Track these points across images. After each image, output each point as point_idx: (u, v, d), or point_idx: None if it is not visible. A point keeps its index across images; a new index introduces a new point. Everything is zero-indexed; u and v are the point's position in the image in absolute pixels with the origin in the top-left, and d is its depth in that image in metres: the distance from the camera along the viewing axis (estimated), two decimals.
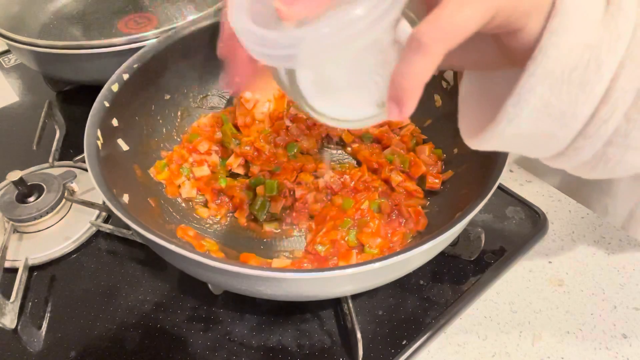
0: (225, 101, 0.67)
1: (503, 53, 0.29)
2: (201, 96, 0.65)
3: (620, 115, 0.25)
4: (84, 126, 0.47)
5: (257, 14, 0.27)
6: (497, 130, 0.27)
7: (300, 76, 0.29)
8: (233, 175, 0.60)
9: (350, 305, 0.46)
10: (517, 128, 0.26)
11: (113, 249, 0.56)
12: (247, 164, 0.60)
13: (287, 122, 0.62)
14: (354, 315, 0.46)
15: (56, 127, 0.70)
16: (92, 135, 0.47)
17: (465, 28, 0.24)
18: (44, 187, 0.58)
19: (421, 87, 0.24)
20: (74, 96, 0.79)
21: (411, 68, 0.24)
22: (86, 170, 0.46)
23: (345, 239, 0.51)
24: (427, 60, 0.24)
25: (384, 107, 0.29)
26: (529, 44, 0.25)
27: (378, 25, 0.25)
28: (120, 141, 0.53)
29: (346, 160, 0.62)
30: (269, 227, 0.55)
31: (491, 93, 0.31)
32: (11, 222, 0.56)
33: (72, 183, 0.61)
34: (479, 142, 0.29)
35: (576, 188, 0.62)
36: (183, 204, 0.57)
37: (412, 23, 0.28)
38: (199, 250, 0.49)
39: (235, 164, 0.59)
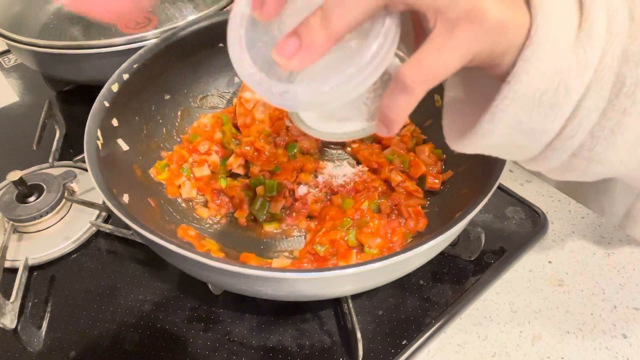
0: (225, 101, 0.67)
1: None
2: (201, 96, 0.65)
3: (585, 132, 0.27)
4: (84, 126, 0.47)
5: (259, 48, 0.30)
6: (473, 140, 0.30)
7: None
8: (233, 175, 0.60)
9: (350, 305, 0.46)
10: (491, 140, 0.29)
11: (113, 249, 0.56)
12: (247, 164, 0.60)
13: (287, 122, 0.62)
14: (354, 315, 0.46)
15: (56, 127, 0.70)
16: (92, 135, 0.47)
17: (445, 71, 0.26)
18: (44, 187, 0.58)
19: (405, 117, 0.28)
20: (74, 96, 0.79)
21: (396, 103, 0.28)
22: (86, 170, 0.46)
23: (345, 239, 0.51)
24: (410, 99, 0.27)
25: (373, 121, 0.33)
26: (506, 70, 0.27)
27: (370, 80, 0.27)
28: (120, 141, 0.53)
29: (346, 160, 0.62)
30: (269, 227, 0.55)
31: (472, 100, 0.32)
32: (11, 222, 0.56)
33: (72, 183, 0.61)
34: (457, 147, 0.32)
35: (574, 188, 0.62)
36: (183, 204, 0.57)
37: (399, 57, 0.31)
38: (199, 250, 0.49)
39: (235, 164, 0.59)
